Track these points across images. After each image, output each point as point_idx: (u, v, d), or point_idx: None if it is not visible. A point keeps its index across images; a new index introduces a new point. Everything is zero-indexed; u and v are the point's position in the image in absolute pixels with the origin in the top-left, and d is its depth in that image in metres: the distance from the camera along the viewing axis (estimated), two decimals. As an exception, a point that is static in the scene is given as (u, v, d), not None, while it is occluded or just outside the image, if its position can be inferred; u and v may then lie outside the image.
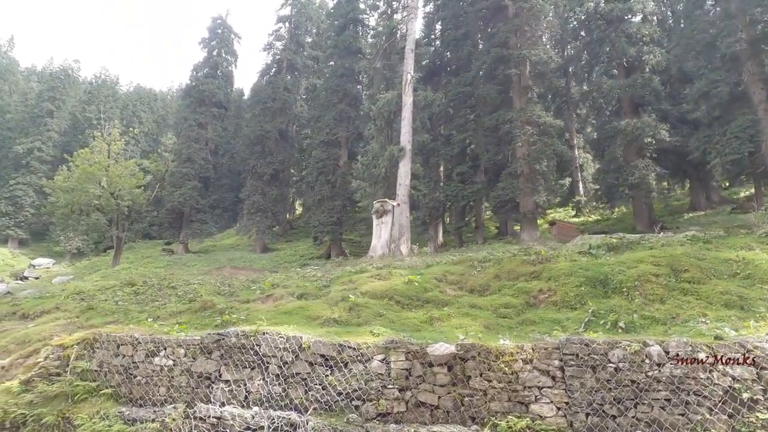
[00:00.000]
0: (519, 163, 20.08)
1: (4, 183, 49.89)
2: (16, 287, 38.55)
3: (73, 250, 48.93)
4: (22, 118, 55.59)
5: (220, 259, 33.08)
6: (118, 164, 31.88)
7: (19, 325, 7.00)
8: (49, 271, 45.93)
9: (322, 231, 29.83)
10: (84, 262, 46.94)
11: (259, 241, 36.28)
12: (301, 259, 30.93)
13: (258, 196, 35.87)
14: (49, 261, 47.81)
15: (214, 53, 40.53)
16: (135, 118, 56.62)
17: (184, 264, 31.91)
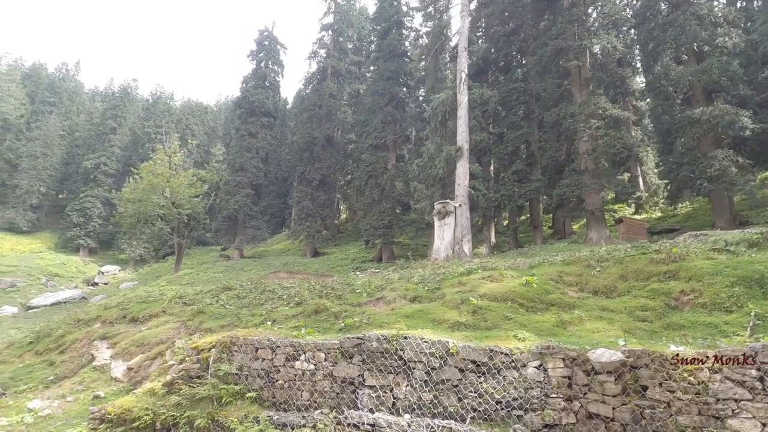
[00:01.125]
0: (583, 159, 19.16)
1: (75, 196, 53.82)
2: (89, 292, 41.47)
3: (137, 257, 52.00)
4: (89, 135, 59.92)
5: (273, 263, 33.92)
6: (178, 175, 33.53)
7: (131, 328, 7.34)
8: (116, 277, 49.06)
9: (374, 234, 29.90)
10: (146, 269, 49.77)
11: (309, 245, 36.93)
12: (353, 263, 31.14)
13: (307, 201, 36.54)
14: (116, 268, 51.09)
15: (261, 65, 41.86)
16: (188, 131, 59.52)
17: (241, 269, 32.99)
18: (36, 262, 47.52)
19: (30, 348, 7.84)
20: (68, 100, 67.04)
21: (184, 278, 31.24)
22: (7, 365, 7.22)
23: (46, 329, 8.15)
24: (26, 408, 5.26)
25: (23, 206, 53.09)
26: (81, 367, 6.59)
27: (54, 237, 54.87)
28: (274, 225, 52.10)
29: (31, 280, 43.80)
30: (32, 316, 33.43)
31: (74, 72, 73.42)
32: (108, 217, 54.75)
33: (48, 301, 37.01)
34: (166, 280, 31.66)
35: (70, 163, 58.61)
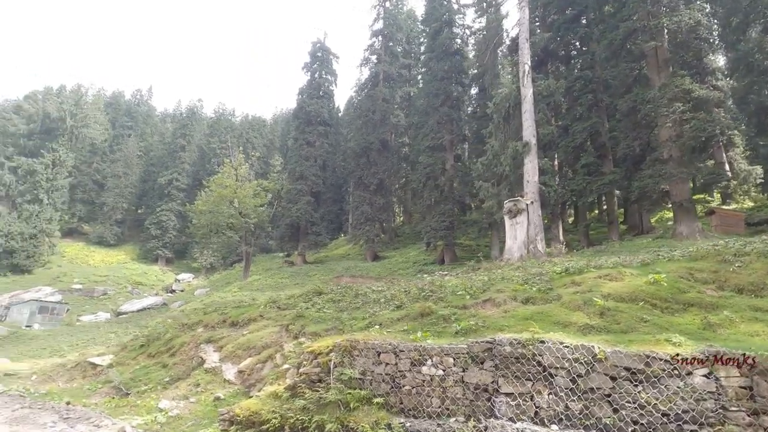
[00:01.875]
0: (666, 147, 17.63)
1: (152, 210, 58.42)
2: (169, 299, 44.71)
3: (207, 265, 55.37)
4: (162, 154, 64.92)
5: (336, 268, 34.59)
6: (244, 186, 35.27)
7: (232, 332, 7.69)
8: (191, 284, 52.50)
9: (434, 236, 29.52)
10: (216, 276, 52.81)
11: (368, 249, 37.27)
12: (415, 266, 30.96)
13: (366, 206, 36.93)
14: (190, 276, 54.70)
15: (315, 75, 43.08)
16: (249, 144, 62.58)
17: (305, 274, 33.97)
18: (122, 272, 52.10)
19: (142, 351, 8.46)
20: (143, 123, 73.16)
21: (254, 284, 32.71)
22: (125, 366, 7.82)
23: (154, 333, 8.77)
24: (156, 408, 5.61)
25: (109, 222, 58.45)
26: (192, 369, 6.97)
27: (136, 248, 59.88)
28: (331, 231, 53.28)
29: (119, 288, 48.06)
30: (123, 321, 36.61)
31: (147, 97, 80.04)
32: (182, 229, 59.01)
33: (135, 307, 40.39)
34: (237, 287, 33.32)
35: (146, 181, 63.76)
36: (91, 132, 59.97)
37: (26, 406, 5.96)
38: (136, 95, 78.00)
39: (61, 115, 56.08)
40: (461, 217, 31.13)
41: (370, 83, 42.15)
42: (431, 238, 29.95)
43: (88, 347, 20.89)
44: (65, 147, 53.11)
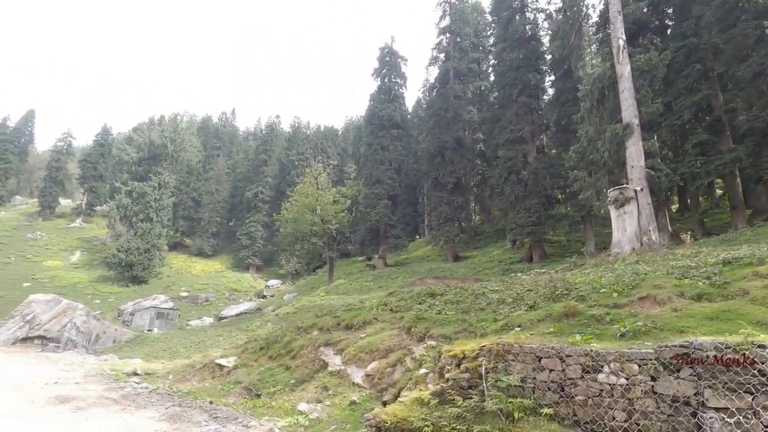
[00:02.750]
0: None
1: (242, 222, 63.08)
2: (262, 304, 47.81)
3: (293, 271, 58.43)
4: (247, 170, 69.98)
5: (418, 270, 34.42)
6: (325, 194, 36.53)
7: (349, 335, 7.79)
8: (279, 290, 55.73)
9: (521, 233, 28.09)
10: (302, 281, 55.48)
11: (449, 250, 36.60)
12: (500, 265, 29.71)
13: (444, 206, 36.36)
14: (278, 282, 58.10)
15: (385, 80, 43.52)
16: (324, 153, 65.07)
17: (387, 277, 34.26)
18: (220, 280, 56.92)
19: (262, 353, 8.90)
20: (229, 143, 79.59)
21: (340, 288, 33.70)
22: (249, 368, 8.28)
23: (272, 336, 9.21)
24: (296, 410, 5.78)
25: (206, 235, 64.18)
26: (315, 371, 7.13)
27: (230, 258, 65.09)
28: (408, 233, 53.37)
29: (219, 295, 52.51)
30: (224, 324, 39.81)
31: (231, 119, 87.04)
32: (268, 238, 63.11)
33: (233, 312, 43.78)
34: (323, 291, 34.53)
35: (235, 195, 69.08)
36: (187, 155, 66.51)
37: (176, 404, 6.48)
38: (222, 118, 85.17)
39: (163, 142, 62.98)
40: (548, 212, 29.28)
41: (439, 81, 41.61)
42: (517, 235, 28.55)
43: (203, 349, 22.80)
44: (168, 170, 59.44)
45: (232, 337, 25.86)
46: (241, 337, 24.95)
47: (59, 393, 7.97)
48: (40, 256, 55.46)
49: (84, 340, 29.12)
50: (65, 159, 68.49)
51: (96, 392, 8.14)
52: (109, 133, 70.69)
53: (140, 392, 7.98)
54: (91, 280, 51.53)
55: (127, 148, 62.77)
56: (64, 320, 28.97)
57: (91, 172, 66.98)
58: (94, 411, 6.40)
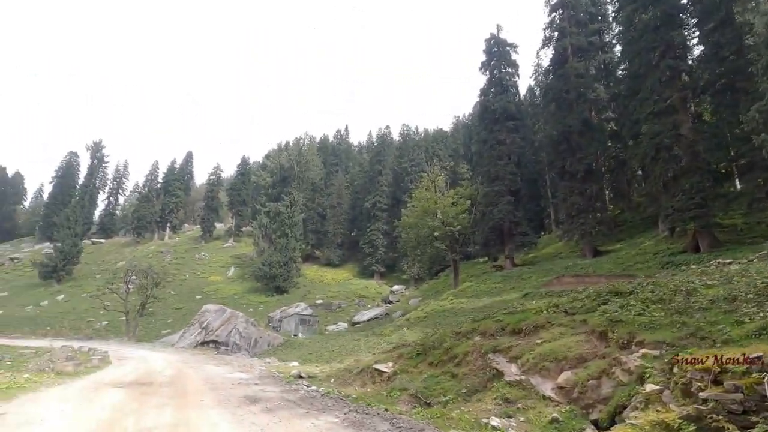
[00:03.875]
0: None
1: (364, 232, 66.19)
2: (389, 309, 49.27)
3: (415, 276, 59.14)
4: (364, 182, 73.48)
5: (552, 268, 31.72)
6: (444, 196, 36.15)
7: (518, 340, 7.20)
8: (404, 295, 56.86)
9: (681, 218, 23.82)
10: (425, 286, 55.79)
11: (586, 244, 33.01)
12: (656, 258, 25.61)
13: (576, 196, 33.04)
14: (402, 287, 59.38)
15: (495, 72, 41.59)
16: (435, 157, 64.93)
17: (518, 277, 32.26)
18: (349, 287, 60.50)
19: (420, 359, 8.78)
20: (345, 158, 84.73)
21: (468, 291, 32.84)
22: (408, 374, 8.21)
23: (428, 341, 9.05)
24: (491, 426, 5.41)
25: (333, 245, 68.90)
26: (487, 381, 6.69)
27: (355, 267, 68.82)
28: (532, 229, 49.87)
29: (349, 301, 55.76)
30: (358, 329, 41.94)
31: (345, 135, 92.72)
32: (389, 245, 65.20)
33: (365, 317, 45.94)
34: (451, 294, 33.99)
35: (355, 207, 72.97)
36: (311, 174, 72.62)
37: (352, 409, 6.64)
38: (337, 136, 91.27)
39: (291, 165, 69.86)
40: (716, 191, 24.38)
41: (556, 63, 38.22)
42: (676, 221, 24.32)
43: (346, 353, 24.04)
44: (296, 189, 65.64)
45: (369, 341, 26.86)
46: (378, 341, 25.77)
47: (247, 393, 8.89)
48: (206, 273, 65.78)
49: (245, 344, 33.24)
50: (217, 189, 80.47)
51: (275, 393, 8.89)
52: (247, 163, 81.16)
53: (314, 395, 8.46)
54: (244, 291, 59.26)
55: (262, 173, 71.15)
56: (229, 327, 33.51)
57: (237, 198, 77.48)
58: (282, 413, 6.86)
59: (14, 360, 25.19)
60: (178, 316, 50.23)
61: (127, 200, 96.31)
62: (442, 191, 36.83)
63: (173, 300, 54.06)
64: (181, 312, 51.43)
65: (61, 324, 49.22)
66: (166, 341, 39.49)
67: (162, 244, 75.97)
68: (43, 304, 55.23)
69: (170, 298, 53.48)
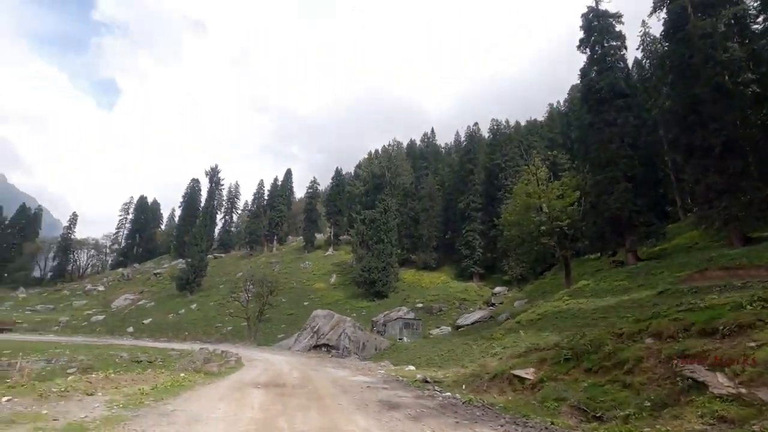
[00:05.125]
0: None
1: (459, 234, 64.67)
2: (493, 312, 47.12)
3: (517, 277, 55.94)
4: (455, 182, 72.06)
5: (688, 261, 27.33)
6: (548, 189, 33.51)
7: (718, 344, 5.82)
8: (507, 296, 54.03)
9: None
10: (529, 287, 52.37)
11: (733, 231, 28.00)
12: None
13: (713, 175, 28.25)
14: (504, 288, 56.53)
15: (596, 48, 37.70)
16: (530, 149, 61.12)
17: (646, 272, 28.39)
18: (448, 290, 59.37)
19: (571, 365, 7.78)
20: (434, 160, 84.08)
21: (585, 290, 29.78)
22: (561, 383, 7.26)
23: (579, 344, 8.00)
24: None
25: (428, 249, 68.47)
26: (679, 393, 5.52)
27: (452, 269, 67.48)
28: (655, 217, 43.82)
29: (449, 305, 54.64)
30: (463, 333, 40.70)
31: (431, 138, 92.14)
32: (486, 246, 62.77)
33: (468, 321, 44.52)
34: (565, 294, 31.15)
35: (447, 209, 71.78)
36: (402, 179, 73.31)
37: (508, 421, 5.98)
38: (424, 139, 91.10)
39: (382, 172, 71.29)
40: None
41: (673, 26, 33.32)
42: None
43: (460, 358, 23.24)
44: (388, 195, 66.65)
45: (480, 345, 25.69)
46: (490, 345, 24.48)
47: (380, 398, 8.70)
48: (310, 281, 69.87)
49: (354, 347, 34.17)
50: (315, 202, 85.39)
51: (410, 399, 8.57)
52: (341, 174, 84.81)
53: (455, 403, 7.96)
54: (347, 297, 61.59)
55: (355, 183, 73.65)
56: (338, 331, 34.77)
57: (333, 209, 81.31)
58: (430, 422, 6.45)
59: (165, 360, 28.95)
60: (289, 321, 53.92)
61: (240, 217, 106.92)
62: (545, 184, 34.18)
63: (285, 306, 58.24)
64: (292, 317, 55.15)
65: (195, 329, 55.98)
66: (282, 345, 42.46)
67: (271, 256, 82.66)
68: (180, 312, 63.43)
69: (282, 305, 57.70)
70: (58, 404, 7.30)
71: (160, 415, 6.74)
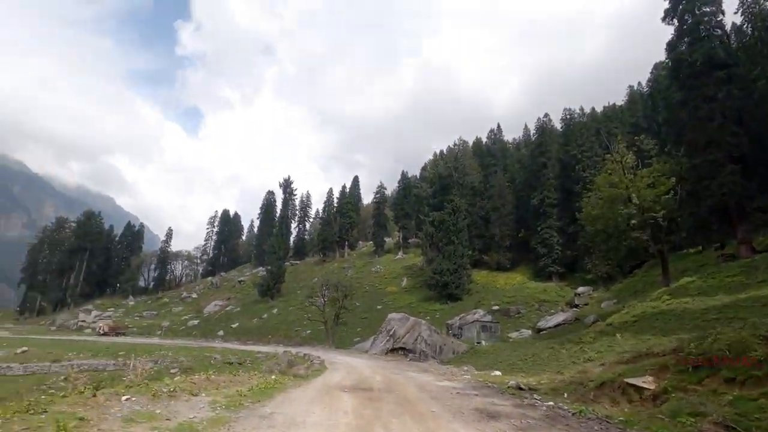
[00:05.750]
0: None
1: (534, 232, 61.36)
2: (579, 313, 43.83)
3: (603, 276, 51.62)
4: (526, 178, 68.73)
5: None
6: (637, 178, 30.50)
7: None
8: (592, 297, 50.05)
9: None
10: (617, 286, 48.02)
11: None
12: None
13: None
14: (588, 289, 52.45)
15: (686, 17, 33.72)
16: (611, 137, 56.36)
17: (766, 266, 24.53)
18: (525, 291, 56.49)
19: (704, 373, 6.69)
20: (502, 157, 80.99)
21: (690, 288, 26.43)
22: (693, 394, 6.24)
23: (713, 349, 6.88)
24: None
25: (501, 249, 65.83)
26: None
27: (528, 269, 64.16)
28: None
29: (528, 306, 51.89)
30: (545, 337, 38.28)
31: (498, 134, 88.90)
32: (565, 243, 58.83)
33: (550, 323, 41.85)
34: (665, 293, 27.93)
35: (519, 206, 68.57)
36: (469, 178, 71.51)
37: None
38: (491, 135, 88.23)
39: (448, 173, 70.14)
40: None
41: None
42: None
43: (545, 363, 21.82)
44: (456, 196, 65.29)
45: (569, 350, 23.87)
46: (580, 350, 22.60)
47: (475, 405, 8.21)
48: (382, 284, 70.50)
49: (431, 351, 33.61)
50: (382, 206, 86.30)
51: (507, 407, 7.98)
52: (407, 177, 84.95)
53: (564, 414, 7.24)
54: (419, 300, 61.13)
55: (422, 185, 73.18)
56: (414, 334, 34.45)
57: (401, 212, 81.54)
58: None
59: (253, 362, 30.71)
60: (364, 324, 54.75)
61: (312, 225, 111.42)
62: (632, 172, 31.11)
63: (359, 310, 59.27)
64: (366, 321, 55.96)
65: (277, 332, 59.05)
66: (359, 348, 43.13)
67: (343, 261, 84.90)
68: (263, 317, 67.32)
69: (356, 309, 58.79)
70: (169, 404, 7.78)
71: (260, 418, 6.89)
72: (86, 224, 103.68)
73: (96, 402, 7.27)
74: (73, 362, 31.61)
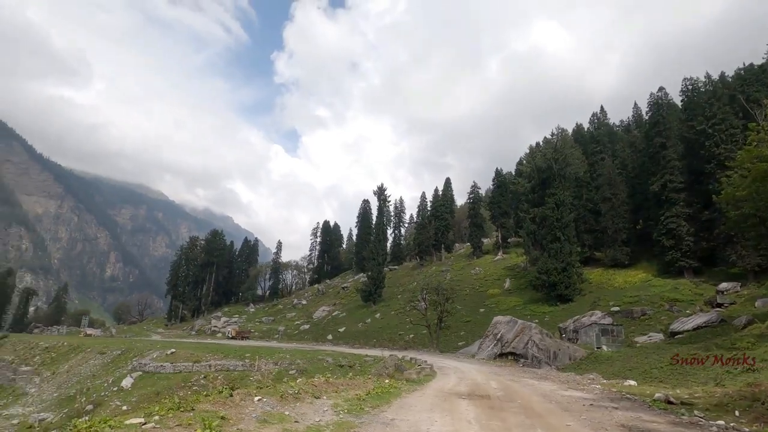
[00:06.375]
0: None
1: (655, 222, 54.00)
2: (726, 314, 37.24)
3: (754, 268, 43.38)
4: (640, 162, 61.18)
5: None
6: (796, 147, 25.03)
7: None
8: (739, 294, 42.33)
9: None
10: (777, 280, 39.91)
11: None
12: None
13: None
14: (733, 284, 44.43)
15: None
16: (752, 103, 47.40)
17: None
18: (650, 290, 49.79)
19: None
20: (609, 142, 73.23)
21: None
22: None
23: None
24: None
25: (616, 243, 59.14)
26: None
27: (651, 264, 56.57)
28: None
29: (655, 307, 45.55)
30: (681, 341, 33.22)
31: (602, 117, 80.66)
32: (697, 232, 50.69)
33: (687, 326, 36.16)
34: None
35: (633, 195, 61.09)
36: (572, 169, 65.92)
37: None
38: (593, 120, 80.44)
39: (548, 165, 65.50)
40: None
41: None
42: None
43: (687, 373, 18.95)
44: (559, 189, 60.53)
45: (717, 356, 20.27)
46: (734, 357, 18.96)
47: (619, 421, 7.19)
48: (483, 287, 68.13)
49: (544, 356, 31.31)
50: (478, 206, 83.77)
51: (663, 426, 6.84)
52: (501, 174, 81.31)
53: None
54: (525, 302, 57.66)
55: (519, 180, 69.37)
56: (524, 338, 32.45)
57: (498, 211, 78.21)
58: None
59: (361, 366, 31.66)
60: (468, 328, 53.28)
61: (407, 230, 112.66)
62: (788, 141, 25.62)
63: (461, 314, 57.97)
64: (470, 324, 54.41)
65: (381, 336, 60.39)
66: (464, 352, 42.02)
67: (441, 264, 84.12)
68: (367, 321, 69.53)
69: (458, 312, 57.59)
70: (295, 406, 8.15)
71: (383, 424, 6.83)
72: (213, 242, 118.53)
73: (233, 402, 7.90)
74: (210, 362, 35.89)
